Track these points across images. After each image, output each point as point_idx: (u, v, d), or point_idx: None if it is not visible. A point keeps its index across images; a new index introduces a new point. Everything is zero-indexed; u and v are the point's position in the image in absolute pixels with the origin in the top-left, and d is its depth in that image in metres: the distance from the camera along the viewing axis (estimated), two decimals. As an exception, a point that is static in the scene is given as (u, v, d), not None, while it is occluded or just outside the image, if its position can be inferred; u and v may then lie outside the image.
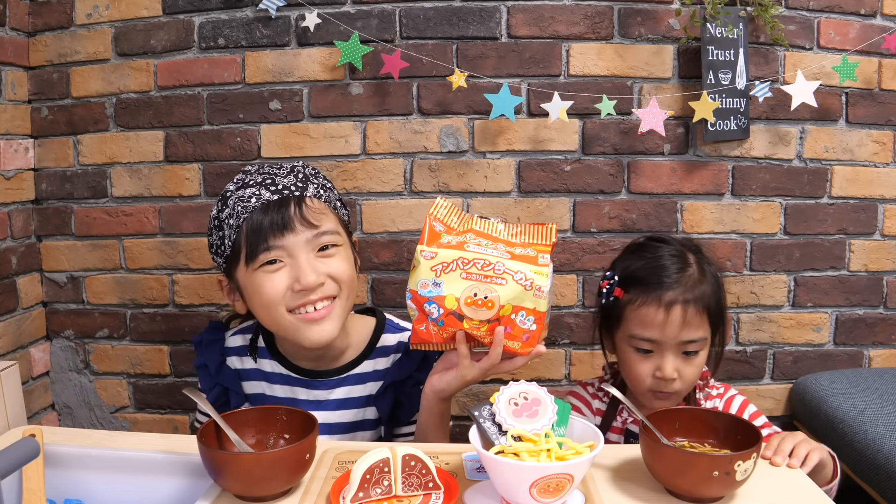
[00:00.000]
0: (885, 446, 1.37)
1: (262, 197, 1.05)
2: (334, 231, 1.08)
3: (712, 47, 1.61)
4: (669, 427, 0.91)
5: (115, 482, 0.94)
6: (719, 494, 0.83)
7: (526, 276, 0.95)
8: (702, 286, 1.15)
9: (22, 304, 1.77)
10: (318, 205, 1.08)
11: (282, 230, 1.03)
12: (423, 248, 0.97)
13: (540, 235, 1.03)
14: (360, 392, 1.17)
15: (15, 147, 1.74)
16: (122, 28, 1.73)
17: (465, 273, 0.96)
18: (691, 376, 1.16)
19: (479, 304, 0.95)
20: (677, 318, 1.12)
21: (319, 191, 1.10)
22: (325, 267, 1.06)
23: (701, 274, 1.17)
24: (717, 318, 1.17)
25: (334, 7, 1.67)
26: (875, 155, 1.71)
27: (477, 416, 0.83)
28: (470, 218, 1.04)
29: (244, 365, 1.20)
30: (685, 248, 1.21)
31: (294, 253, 1.04)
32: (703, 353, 1.17)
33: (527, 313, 0.95)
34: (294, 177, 1.09)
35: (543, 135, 1.69)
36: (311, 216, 1.05)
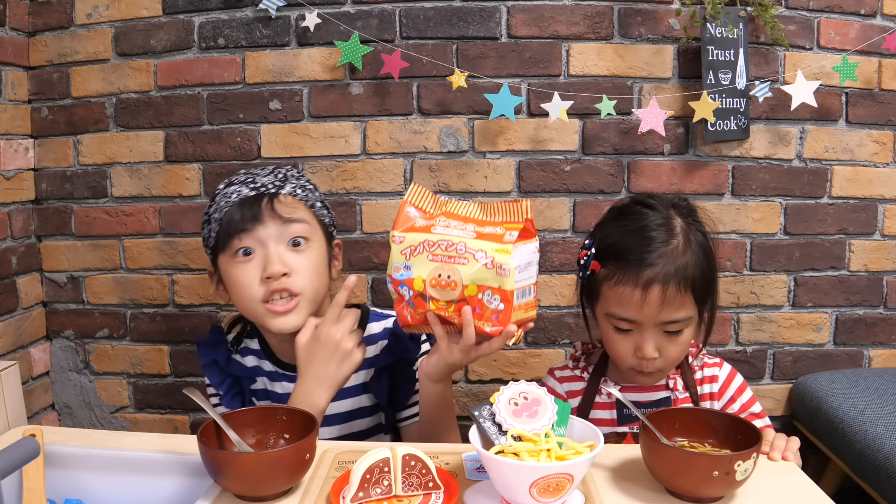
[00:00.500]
0: (885, 446, 1.37)
1: (242, 193, 1.13)
2: (306, 222, 1.14)
3: (712, 47, 1.61)
4: (669, 427, 0.91)
5: (115, 482, 0.94)
6: (719, 494, 0.83)
7: (487, 254, 0.94)
8: (685, 258, 1.06)
9: (22, 304, 1.77)
10: (290, 201, 1.15)
11: (252, 221, 1.10)
12: (394, 233, 1.00)
13: (512, 213, 1.01)
14: (354, 381, 1.20)
15: (15, 147, 1.74)
16: (122, 28, 1.73)
17: (432, 255, 0.97)
18: (674, 354, 1.10)
19: (444, 285, 0.96)
20: (656, 299, 1.04)
21: (296, 190, 1.17)
22: (293, 261, 1.12)
23: (686, 244, 1.07)
24: (703, 291, 1.09)
25: (334, 7, 1.67)
26: (875, 155, 1.71)
27: (477, 416, 0.83)
28: (446, 202, 1.04)
29: (246, 363, 1.26)
30: (674, 209, 1.12)
31: (264, 243, 1.11)
32: (689, 331, 1.10)
33: (492, 292, 0.95)
34: (273, 176, 1.17)
35: (543, 135, 1.69)
36: (282, 210, 1.12)
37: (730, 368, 1.21)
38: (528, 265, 0.98)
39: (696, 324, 1.11)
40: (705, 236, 1.11)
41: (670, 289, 1.04)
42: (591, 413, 1.17)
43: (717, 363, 1.21)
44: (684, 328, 1.08)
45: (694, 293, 1.07)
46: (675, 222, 1.09)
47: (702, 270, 1.08)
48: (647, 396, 1.16)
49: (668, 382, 1.17)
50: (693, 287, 1.06)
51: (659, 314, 1.05)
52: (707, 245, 1.11)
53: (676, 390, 1.16)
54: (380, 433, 1.24)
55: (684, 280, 1.05)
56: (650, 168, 1.70)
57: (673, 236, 1.08)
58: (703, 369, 1.19)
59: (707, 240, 1.12)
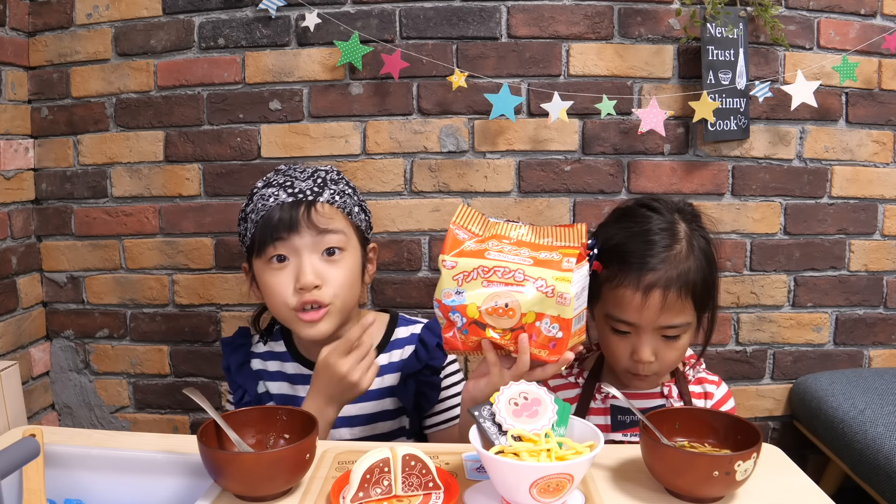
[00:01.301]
0: (885, 446, 1.37)
1: (279, 198, 1.13)
2: (341, 232, 1.14)
3: (712, 47, 1.61)
4: (669, 427, 0.91)
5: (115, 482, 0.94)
6: (719, 494, 0.83)
7: (547, 282, 0.92)
8: (687, 263, 1.05)
9: (22, 304, 1.77)
10: (328, 210, 1.14)
11: (289, 230, 1.10)
12: (445, 258, 0.96)
13: (567, 237, 0.99)
14: (378, 384, 1.20)
15: (15, 147, 1.74)
16: (122, 28, 1.74)
17: (486, 281, 0.94)
18: (670, 359, 1.09)
19: (501, 313, 0.93)
20: (656, 303, 1.04)
21: (335, 196, 1.16)
22: (326, 272, 1.12)
23: (689, 249, 1.07)
24: (703, 297, 1.08)
25: (334, 7, 1.67)
26: (875, 155, 1.71)
27: (477, 416, 0.83)
28: (495, 224, 1.02)
29: (268, 367, 1.25)
30: (679, 214, 1.11)
31: (299, 252, 1.11)
32: (686, 337, 1.09)
33: (551, 320, 0.92)
34: (312, 181, 1.16)
35: (543, 135, 1.69)
36: (319, 220, 1.12)
37: (726, 390, 1.20)
38: (583, 290, 0.97)
39: (695, 329, 1.11)
40: (708, 242, 1.11)
41: (671, 294, 1.04)
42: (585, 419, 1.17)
43: (715, 381, 1.20)
44: (682, 333, 1.08)
45: (694, 299, 1.06)
46: (678, 227, 1.09)
47: (703, 276, 1.07)
48: (642, 403, 1.16)
49: (664, 390, 1.16)
50: (693, 293, 1.06)
51: (658, 319, 1.05)
52: (709, 251, 1.11)
53: (671, 398, 1.16)
54: (402, 437, 1.24)
55: (685, 286, 1.05)
56: (650, 168, 1.70)
57: (676, 241, 1.07)
58: (701, 384, 1.19)
59: (710, 246, 1.11)
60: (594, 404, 1.18)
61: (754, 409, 1.77)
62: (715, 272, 1.11)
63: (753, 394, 1.77)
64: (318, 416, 1.05)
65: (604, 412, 1.17)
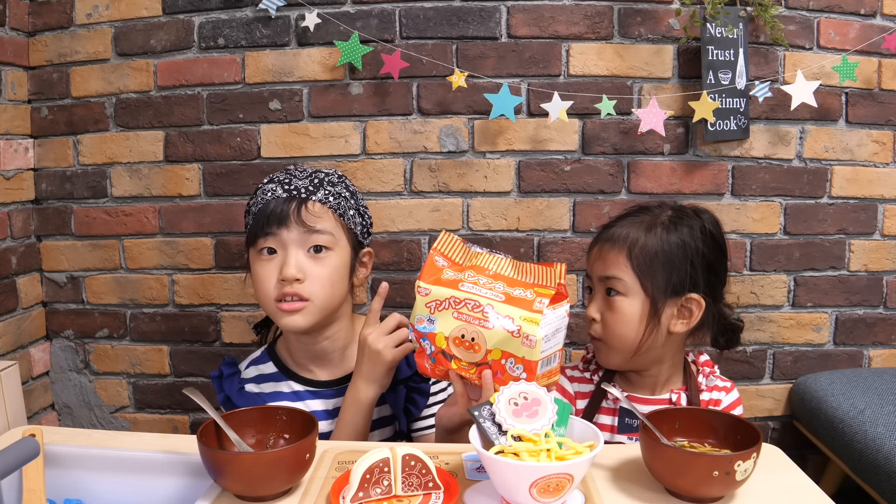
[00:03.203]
0: (885, 446, 1.37)
1: (276, 193, 1.17)
2: (329, 233, 1.16)
3: (712, 47, 1.61)
4: (669, 427, 0.91)
5: (115, 482, 0.94)
6: (719, 494, 0.83)
7: (514, 321, 0.90)
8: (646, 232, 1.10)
9: (22, 304, 1.77)
10: (319, 209, 1.16)
11: (279, 224, 1.14)
12: (420, 284, 0.96)
13: (545, 276, 0.97)
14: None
15: (15, 147, 1.74)
16: (122, 28, 1.73)
17: (457, 312, 0.93)
18: (613, 325, 1.11)
19: (467, 346, 0.93)
20: (596, 252, 1.15)
21: (329, 197, 1.18)
22: (310, 268, 1.15)
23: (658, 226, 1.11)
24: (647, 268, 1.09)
25: (334, 7, 1.67)
26: (875, 155, 1.71)
27: (477, 416, 0.82)
28: (476, 254, 1.01)
29: (263, 390, 1.25)
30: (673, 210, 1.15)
31: (286, 246, 1.15)
32: (629, 304, 1.10)
33: (515, 361, 0.91)
34: (309, 180, 1.19)
35: (543, 135, 1.69)
36: (308, 218, 1.14)
37: (735, 397, 1.19)
38: (557, 332, 0.95)
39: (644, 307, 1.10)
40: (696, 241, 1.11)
41: (606, 245, 1.13)
42: (594, 417, 1.18)
43: (726, 388, 1.19)
44: (620, 295, 1.11)
45: (631, 259, 1.10)
46: (665, 212, 1.14)
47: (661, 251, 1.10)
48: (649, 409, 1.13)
49: (672, 396, 1.16)
50: (631, 253, 1.10)
51: (593, 267, 1.15)
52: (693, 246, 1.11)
53: (679, 405, 1.15)
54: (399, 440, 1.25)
55: (624, 242, 1.11)
56: (650, 168, 1.70)
57: (647, 215, 1.14)
58: (711, 391, 1.18)
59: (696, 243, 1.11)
60: (605, 404, 1.18)
61: (754, 409, 1.77)
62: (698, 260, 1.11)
63: (753, 394, 1.77)
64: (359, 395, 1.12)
65: (612, 413, 1.18)
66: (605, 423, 1.18)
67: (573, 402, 1.21)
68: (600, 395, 1.19)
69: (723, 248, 1.16)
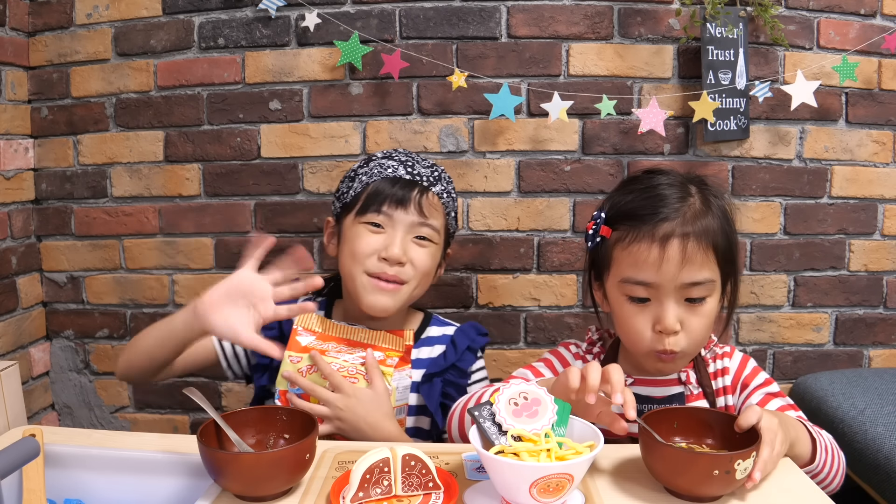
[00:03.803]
0: (885, 446, 1.37)
1: (398, 172, 1.20)
2: (436, 229, 1.21)
3: (712, 47, 1.61)
4: (668, 426, 0.91)
5: (115, 482, 0.94)
6: (719, 493, 0.83)
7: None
8: (705, 219, 0.97)
9: (22, 304, 1.77)
10: (436, 201, 1.21)
11: (397, 204, 1.17)
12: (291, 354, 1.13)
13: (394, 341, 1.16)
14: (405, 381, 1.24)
15: (15, 147, 1.74)
16: (122, 28, 1.74)
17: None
18: (698, 330, 0.98)
19: None
20: (676, 254, 0.94)
21: (444, 193, 1.23)
22: (413, 252, 1.18)
23: (705, 205, 0.99)
24: (726, 258, 0.99)
25: (334, 7, 1.67)
26: (875, 155, 1.71)
27: (477, 416, 0.83)
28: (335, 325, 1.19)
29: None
30: (687, 179, 1.04)
31: (396, 226, 1.18)
32: (713, 302, 0.99)
33: None
34: (430, 170, 1.23)
35: (543, 135, 1.69)
36: (426, 207, 1.19)
37: (741, 357, 1.13)
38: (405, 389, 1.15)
39: (720, 296, 1.02)
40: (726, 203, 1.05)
41: (690, 243, 0.95)
42: None
43: (727, 353, 1.13)
44: (708, 296, 0.98)
45: (716, 252, 0.97)
46: (689, 187, 1.03)
47: (725, 236, 0.99)
48: (660, 391, 1.09)
49: (681, 376, 1.09)
50: (715, 245, 0.97)
51: (679, 274, 0.94)
52: (727, 210, 1.03)
53: (690, 384, 1.09)
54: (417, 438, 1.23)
55: (705, 234, 0.96)
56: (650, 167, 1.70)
57: (689, 195, 1.00)
58: (714, 361, 1.11)
59: (727, 206, 1.04)
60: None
61: (754, 409, 1.77)
62: (734, 233, 1.04)
63: (753, 394, 1.77)
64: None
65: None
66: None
67: None
68: None
69: None
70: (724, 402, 1.11)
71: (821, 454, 0.95)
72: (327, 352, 1.12)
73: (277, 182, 1.74)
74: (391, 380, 1.10)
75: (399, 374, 1.13)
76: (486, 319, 1.74)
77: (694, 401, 1.09)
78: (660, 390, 1.11)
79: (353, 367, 1.10)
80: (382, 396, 1.10)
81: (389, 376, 1.10)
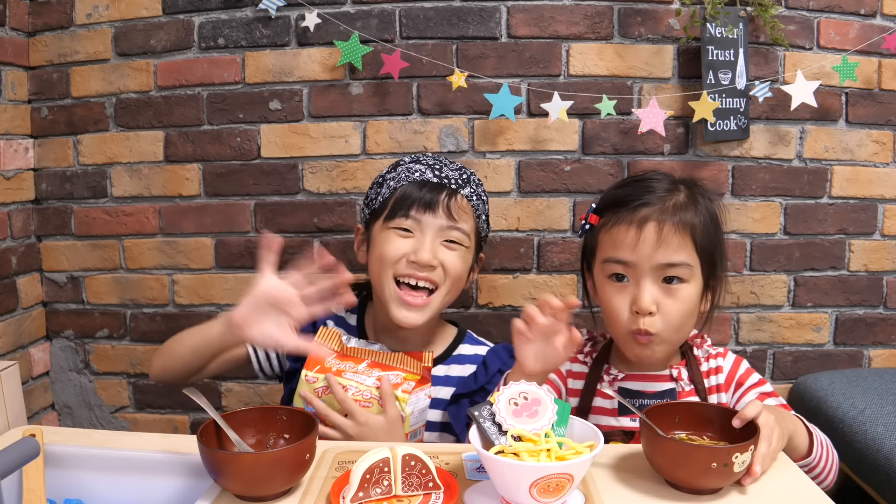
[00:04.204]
0: (885, 446, 1.37)
1: (426, 175, 1.19)
2: (466, 233, 1.19)
3: (712, 47, 1.61)
4: (669, 420, 0.92)
5: (115, 482, 0.94)
6: (718, 486, 0.84)
7: None
8: (686, 212, 1.03)
9: (22, 304, 1.77)
10: (465, 204, 1.20)
11: (426, 208, 1.16)
12: (307, 373, 1.11)
13: (412, 364, 1.14)
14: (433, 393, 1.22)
15: (15, 147, 1.74)
16: (122, 28, 1.74)
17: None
18: (674, 314, 1.02)
19: None
20: (651, 235, 1.00)
21: (473, 196, 1.22)
22: (443, 255, 1.17)
23: (690, 201, 1.05)
24: (707, 253, 1.04)
25: (334, 7, 1.67)
26: (875, 155, 1.71)
27: (477, 416, 0.83)
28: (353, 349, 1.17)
29: None
30: (681, 179, 1.11)
31: (425, 231, 1.17)
32: (690, 289, 1.03)
33: None
34: (458, 172, 1.22)
35: (543, 135, 1.69)
36: (455, 210, 1.17)
37: (734, 357, 1.16)
38: (422, 411, 1.14)
39: (700, 289, 1.06)
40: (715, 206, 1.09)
41: (667, 226, 1.01)
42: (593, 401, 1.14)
43: (720, 353, 1.16)
44: (684, 279, 1.03)
45: (694, 240, 1.03)
46: (679, 185, 1.09)
47: (707, 230, 1.05)
48: (651, 386, 1.12)
49: (672, 373, 1.12)
50: (693, 233, 1.03)
51: (654, 254, 1.01)
52: (715, 213, 1.09)
53: (681, 380, 1.11)
54: None
55: (682, 222, 1.02)
56: (650, 168, 1.70)
57: (676, 190, 1.06)
58: (707, 360, 1.15)
59: (717, 209, 1.09)
60: (601, 386, 1.14)
61: (754, 409, 1.77)
62: (720, 234, 1.09)
63: (753, 394, 1.77)
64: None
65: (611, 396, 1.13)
66: (604, 406, 1.13)
67: (564, 380, 1.18)
68: (595, 377, 1.15)
69: None
70: (717, 400, 1.13)
71: (817, 448, 1.00)
72: (344, 372, 1.11)
73: (277, 182, 1.74)
74: (405, 406, 1.08)
75: (416, 396, 1.11)
76: (486, 319, 1.74)
77: (685, 397, 1.11)
78: (651, 385, 1.13)
79: (367, 391, 1.09)
80: (395, 425, 1.08)
81: (404, 402, 1.08)
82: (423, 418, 1.15)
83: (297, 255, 1.76)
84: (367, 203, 1.27)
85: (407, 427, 1.10)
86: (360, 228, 1.30)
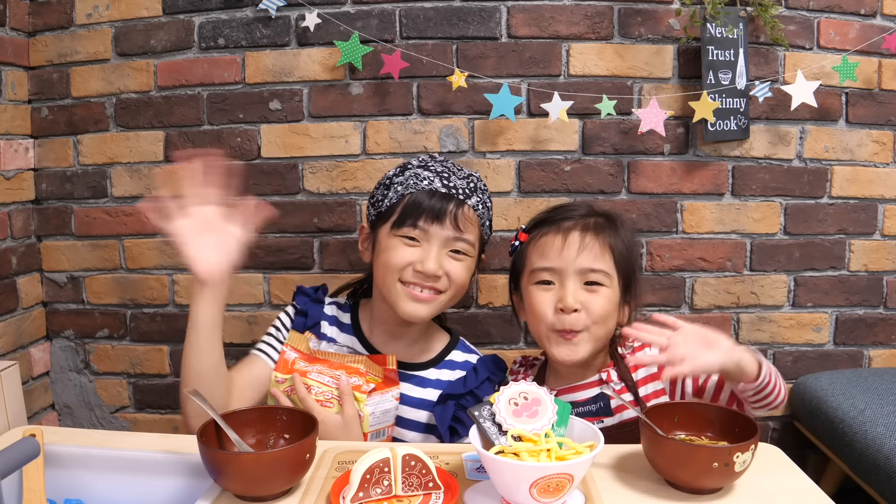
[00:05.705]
0: (885, 446, 1.37)
1: (434, 185, 1.19)
2: (471, 243, 1.21)
3: (712, 47, 1.61)
4: (669, 421, 0.93)
5: (115, 482, 0.94)
6: (718, 485, 0.84)
7: None
8: (604, 231, 1.15)
9: (22, 304, 1.77)
10: (471, 215, 1.21)
11: (433, 219, 1.17)
12: (277, 374, 1.16)
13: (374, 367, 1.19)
14: (418, 394, 1.26)
15: (15, 147, 1.74)
16: (122, 28, 1.74)
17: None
18: (597, 308, 1.11)
19: None
20: (575, 242, 1.12)
21: (479, 205, 1.24)
22: (449, 265, 1.19)
23: (609, 224, 1.17)
24: (624, 272, 1.15)
25: (334, 7, 1.67)
26: (875, 155, 1.71)
27: (477, 416, 0.83)
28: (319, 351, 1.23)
29: (331, 333, 1.31)
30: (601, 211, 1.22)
31: (431, 241, 1.18)
32: (611, 292, 1.13)
33: None
34: (466, 182, 1.23)
35: (543, 135, 1.69)
36: (461, 222, 1.19)
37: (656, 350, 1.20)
38: (384, 413, 1.16)
39: (618, 297, 1.15)
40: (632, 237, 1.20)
41: (589, 235, 1.13)
42: None
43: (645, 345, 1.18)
44: (604, 284, 1.12)
45: (613, 257, 1.13)
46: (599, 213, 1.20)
47: (622, 251, 1.15)
48: (581, 395, 1.18)
49: (602, 376, 1.18)
50: (612, 251, 1.14)
51: (578, 258, 1.11)
52: (632, 241, 1.20)
53: (611, 381, 1.17)
54: None
55: (603, 237, 1.14)
56: (650, 168, 1.70)
57: (596, 215, 1.19)
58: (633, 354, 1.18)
59: (633, 239, 1.20)
60: None
61: (754, 409, 1.77)
62: (636, 262, 1.21)
63: (753, 394, 1.76)
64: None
65: None
66: None
67: None
68: None
69: None
70: (652, 390, 1.16)
71: (765, 367, 1.03)
72: (309, 373, 1.15)
73: (277, 182, 1.74)
74: (364, 406, 1.12)
75: (381, 398, 1.15)
76: (486, 319, 1.74)
77: (621, 393, 1.15)
78: (581, 394, 1.18)
79: (329, 391, 1.13)
80: (351, 423, 1.11)
81: (362, 402, 1.12)
82: (387, 419, 1.17)
83: (298, 255, 1.76)
84: (373, 203, 1.27)
85: (366, 426, 1.13)
86: (364, 228, 1.30)
